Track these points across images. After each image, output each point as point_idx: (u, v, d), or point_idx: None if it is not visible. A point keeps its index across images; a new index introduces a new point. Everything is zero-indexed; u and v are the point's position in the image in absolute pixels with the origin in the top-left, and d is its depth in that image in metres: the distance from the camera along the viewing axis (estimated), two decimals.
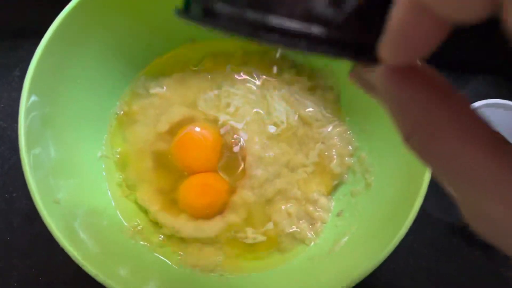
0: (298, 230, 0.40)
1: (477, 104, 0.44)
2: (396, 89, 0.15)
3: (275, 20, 0.14)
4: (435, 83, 0.15)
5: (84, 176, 0.39)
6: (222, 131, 0.42)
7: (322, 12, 0.14)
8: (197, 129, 0.42)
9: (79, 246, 0.31)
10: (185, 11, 0.16)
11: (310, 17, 0.14)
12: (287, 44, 0.14)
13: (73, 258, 0.30)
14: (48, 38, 0.34)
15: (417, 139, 0.14)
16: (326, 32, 0.14)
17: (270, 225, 0.40)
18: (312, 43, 0.14)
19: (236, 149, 0.42)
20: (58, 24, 0.34)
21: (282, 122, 0.42)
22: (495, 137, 0.14)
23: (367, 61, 0.15)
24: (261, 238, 0.40)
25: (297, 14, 0.14)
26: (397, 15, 0.13)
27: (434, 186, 0.48)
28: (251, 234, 0.40)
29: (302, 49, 0.14)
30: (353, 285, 0.31)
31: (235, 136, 0.42)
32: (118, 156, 0.42)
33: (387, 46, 0.14)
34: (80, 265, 0.30)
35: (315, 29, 0.14)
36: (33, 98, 0.33)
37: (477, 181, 0.14)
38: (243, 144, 0.42)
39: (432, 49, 0.14)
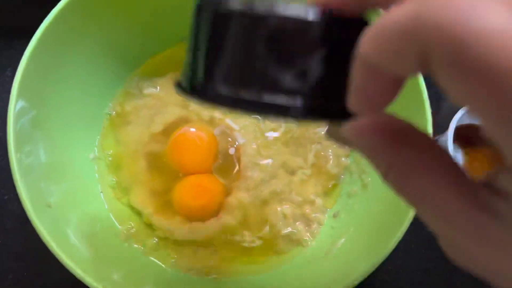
0: (295, 231, 0.39)
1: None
2: (367, 138, 0.16)
3: (248, 95, 0.16)
4: (399, 127, 0.16)
5: (76, 179, 0.38)
6: (217, 131, 0.42)
7: (291, 85, 0.16)
8: (192, 129, 0.41)
9: (70, 251, 0.30)
10: (183, 87, 0.19)
11: (280, 89, 0.16)
12: (266, 114, 0.17)
13: (64, 263, 0.29)
14: (37, 38, 0.33)
15: (392, 178, 0.16)
16: (295, 102, 0.16)
17: (267, 229, 0.39)
18: (282, 110, 0.16)
19: (231, 150, 0.41)
20: (48, 23, 0.33)
21: (280, 126, 0.42)
22: (457, 171, 0.15)
23: (340, 120, 0.17)
24: (258, 242, 0.39)
25: (271, 88, 0.16)
26: (355, 75, 0.15)
27: None
28: (248, 238, 0.39)
29: (279, 117, 0.17)
30: (351, 287, 0.30)
31: (229, 138, 0.41)
32: (110, 158, 0.42)
33: (353, 103, 0.16)
34: (71, 270, 0.29)
35: (285, 100, 0.16)
36: (22, 101, 0.32)
37: (449, 218, 0.15)
38: (238, 145, 0.41)
39: (392, 99, 0.15)
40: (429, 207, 0.15)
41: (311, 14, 0.16)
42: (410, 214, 0.31)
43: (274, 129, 0.42)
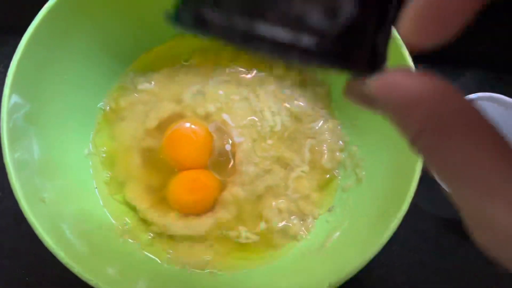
0: (290, 226, 0.39)
1: (469, 97, 0.44)
2: (398, 92, 0.14)
3: (265, 29, 0.14)
4: (435, 81, 0.14)
5: (70, 175, 0.38)
6: (212, 127, 0.42)
7: (316, 23, 0.14)
8: (188, 125, 0.41)
9: (65, 246, 0.30)
10: (176, 17, 0.16)
11: (302, 27, 0.14)
12: (278, 54, 0.14)
13: (59, 259, 0.29)
14: (30, 34, 0.33)
15: (426, 138, 0.14)
16: (319, 43, 0.14)
17: (263, 225, 0.40)
18: (304, 53, 0.14)
19: (226, 146, 0.41)
20: (40, 19, 0.33)
21: (275, 124, 0.42)
22: (500, 137, 0.13)
23: (363, 71, 0.15)
24: (254, 238, 0.39)
25: (289, 23, 0.14)
26: None
27: (427, 181, 0.48)
28: (243, 234, 0.39)
29: (293, 59, 0.14)
30: (344, 280, 0.30)
31: (225, 133, 0.41)
32: (104, 155, 0.41)
33: (412, 25, 0.13)
34: (67, 265, 0.29)
35: (308, 40, 0.14)
36: (15, 97, 0.32)
37: (484, 184, 0.13)
38: (233, 140, 0.41)
39: (463, 24, 0.13)
40: (468, 178, 0.13)
41: None
42: (404, 207, 0.31)
43: (270, 126, 0.42)
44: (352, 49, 0.14)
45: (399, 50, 0.33)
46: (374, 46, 0.14)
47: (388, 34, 0.15)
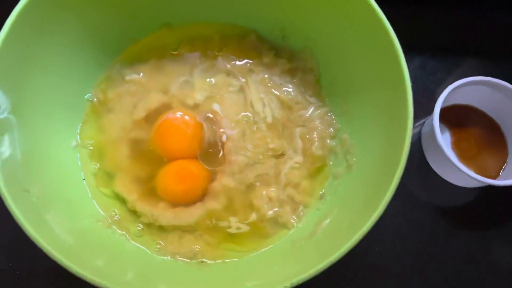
0: (280, 214, 0.39)
1: (462, 81, 0.44)
2: None
3: None
4: None
5: (57, 167, 0.38)
6: (201, 117, 0.41)
7: None
8: (178, 114, 0.41)
9: (52, 239, 0.30)
10: None
11: None
12: None
13: (46, 252, 0.29)
14: (11, 23, 0.32)
15: None
16: None
17: (253, 216, 0.39)
18: None
19: (215, 135, 0.41)
20: (19, 10, 0.32)
21: (266, 116, 0.41)
22: None
23: None
24: (245, 228, 0.39)
25: None
26: None
27: (422, 170, 0.48)
28: (234, 224, 0.39)
29: None
30: (331, 263, 0.30)
31: (214, 123, 0.41)
32: (91, 148, 0.41)
33: None
34: (53, 257, 0.28)
35: None
36: None
37: None
38: (222, 129, 0.41)
39: None
40: None
41: None
42: (391, 190, 0.31)
43: (261, 117, 0.42)
44: None
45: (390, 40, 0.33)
46: None
47: None
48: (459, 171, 0.41)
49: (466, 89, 0.45)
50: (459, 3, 0.54)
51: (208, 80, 0.43)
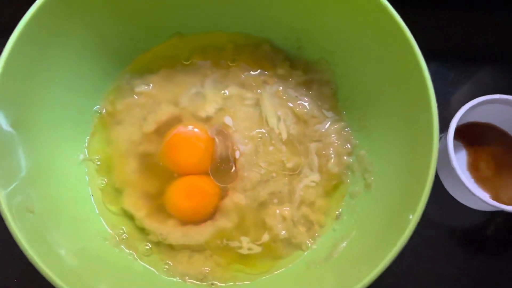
0: (294, 234, 0.37)
1: (481, 99, 0.42)
2: None
3: None
4: None
5: (64, 182, 0.36)
6: (213, 130, 0.40)
7: None
8: (189, 128, 0.40)
9: (53, 262, 0.29)
10: None
11: None
12: None
13: (46, 278, 0.27)
14: (17, 34, 0.31)
15: None
16: None
17: (266, 236, 0.37)
18: None
19: (228, 150, 0.39)
20: (28, 20, 0.31)
21: (280, 133, 0.40)
22: None
23: None
24: (257, 249, 0.37)
25: None
26: None
27: (436, 190, 0.46)
28: (245, 244, 0.37)
29: None
30: None
31: (226, 137, 0.39)
32: (99, 163, 0.40)
33: None
34: (52, 282, 0.27)
35: None
36: None
37: None
38: (235, 144, 0.39)
39: None
40: None
41: None
42: (417, 214, 0.29)
43: (272, 128, 0.40)
44: None
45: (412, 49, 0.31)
46: None
47: None
48: (473, 195, 0.39)
49: (486, 106, 0.43)
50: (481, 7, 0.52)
51: (220, 91, 0.41)
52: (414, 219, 0.29)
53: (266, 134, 0.40)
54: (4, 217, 0.28)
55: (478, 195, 0.39)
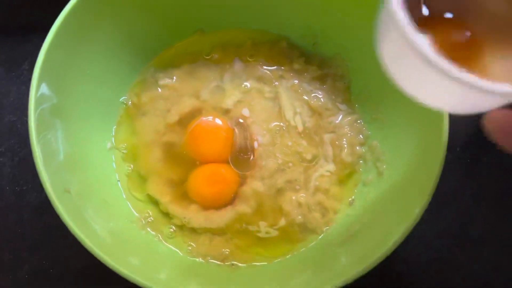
0: (309, 219, 0.39)
1: None
2: None
3: None
4: None
5: (93, 168, 0.39)
6: (232, 122, 0.42)
7: None
8: (211, 119, 0.42)
9: (91, 236, 0.31)
10: None
11: None
12: None
13: (86, 247, 0.30)
14: (55, 31, 0.33)
15: None
16: None
17: (283, 221, 0.40)
18: None
19: (246, 140, 0.41)
20: (64, 16, 0.34)
21: (296, 125, 0.42)
22: None
23: None
24: (274, 232, 0.39)
25: None
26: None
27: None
28: (263, 228, 0.39)
29: None
30: (365, 272, 0.30)
31: (244, 128, 0.42)
32: (125, 151, 0.42)
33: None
34: (93, 253, 0.29)
35: None
36: (42, 90, 0.33)
37: None
38: (253, 135, 0.41)
39: None
40: None
41: None
42: (424, 201, 0.31)
43: (288, 120, 0.42)
44: None
45: None
46: None
47: None
48: (434, 69, 0.19)
49: None
50: None
51: (239, 85, 0.44)
52: (422, 203, 0.31)
53: (283, 126, 0.42)
54: (48, 193, 0.30)
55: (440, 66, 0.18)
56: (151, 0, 0.40)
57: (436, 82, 0.19)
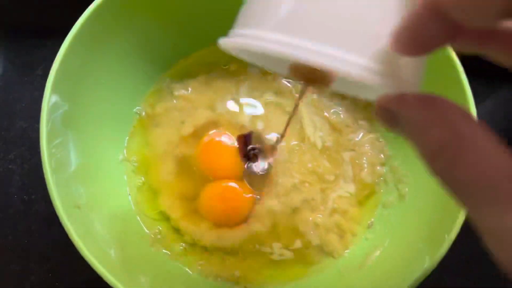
0: (326, 242, 0.38)
1: None
2: (422, 109, 0.15)
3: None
4: (451, 105, 0.16)
5: (104, 181, 0.37)
6: (247, 137, 0.40)
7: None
8: (224, 133, 0.41)
9: (99, 254, 0.29)
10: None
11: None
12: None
13: (93, 267, 0.28)
14: (71, 37, 0.32)
15: (444, 161, 0.15)
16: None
17: (298, 243, 0.38)
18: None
19: (262, 156, 0.40)
20: (82, 23, 0.33)
21: (315, 142, 0.40)
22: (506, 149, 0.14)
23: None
24: (288, 254, 0.38)
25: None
26: (413, 13, 0.15)
27: None
28: (277, 250, 0.38)
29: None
30: None
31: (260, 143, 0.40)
32: (136, 164, 0.41)
33: (399, 39, 0.15)
34: (100, 273, 0.28)
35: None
36: (55, 98, 0.32)
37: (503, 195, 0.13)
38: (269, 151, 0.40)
39: (438, 47, 0.15)
40: (483, 185, 0.14)
41: None
42: (453, 234, 0.29)
43: (307, 137, 0.41)
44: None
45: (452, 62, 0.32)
46: None
47: None
48: None
49: None
50: None
51: (255, 98, 0.42)
52: (449, 238, 0.29)
53: (302, 143, 0.40)
54: (56, 209, 0.29)
55: None
56: (170, 9, 0.38)
57: None
